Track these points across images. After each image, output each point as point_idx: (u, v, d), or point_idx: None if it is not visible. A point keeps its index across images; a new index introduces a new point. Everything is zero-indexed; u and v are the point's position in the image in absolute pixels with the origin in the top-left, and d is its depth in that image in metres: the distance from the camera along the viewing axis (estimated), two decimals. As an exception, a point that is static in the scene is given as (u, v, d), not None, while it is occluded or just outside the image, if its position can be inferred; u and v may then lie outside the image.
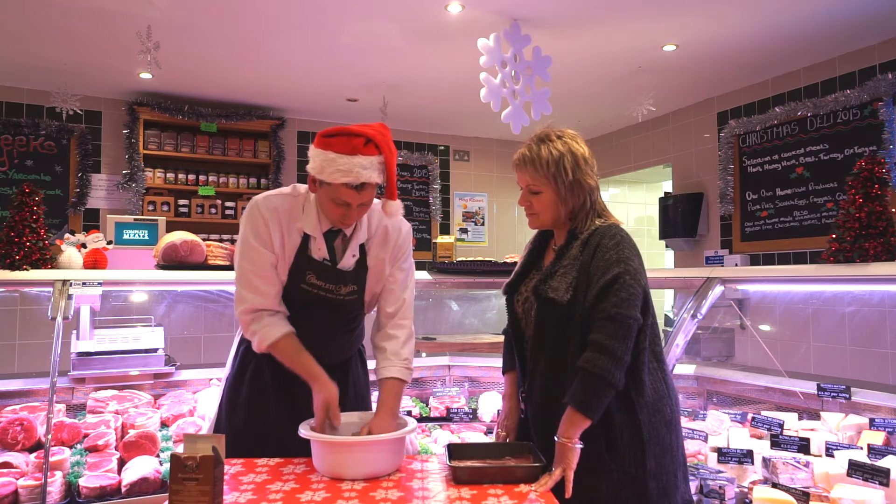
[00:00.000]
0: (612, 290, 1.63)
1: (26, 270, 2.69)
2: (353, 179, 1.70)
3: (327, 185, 1.74)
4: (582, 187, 1.78)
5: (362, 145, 1.71)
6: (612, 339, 1.59)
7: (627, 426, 1.66)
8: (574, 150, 1.78)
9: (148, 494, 2.45)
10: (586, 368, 1.59)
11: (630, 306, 1.62)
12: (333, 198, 1.75)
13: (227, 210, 5.96)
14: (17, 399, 2.90)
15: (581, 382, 1.60)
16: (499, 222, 7.34)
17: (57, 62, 4.78)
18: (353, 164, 1.69)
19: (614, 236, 1.72)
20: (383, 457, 1.67)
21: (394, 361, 1.92)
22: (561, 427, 1.61)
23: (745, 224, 5.33)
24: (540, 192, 1.80)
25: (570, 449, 1.59)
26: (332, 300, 1.91)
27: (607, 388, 1.59)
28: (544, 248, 1.94)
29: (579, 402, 1.59)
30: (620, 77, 5.13)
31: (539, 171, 1.78)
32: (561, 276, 1.73)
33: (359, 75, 5.14)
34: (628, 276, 1.64)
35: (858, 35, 4.31)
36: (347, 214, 1.79)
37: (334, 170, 1.70)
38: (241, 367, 1.99)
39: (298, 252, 1.86)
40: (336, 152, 1.70)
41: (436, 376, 3.69)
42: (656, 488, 1.67)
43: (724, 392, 3.09)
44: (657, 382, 1.72)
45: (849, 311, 4.38)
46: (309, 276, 1.87)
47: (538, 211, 1.83)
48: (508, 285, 1.94)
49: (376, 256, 1.96)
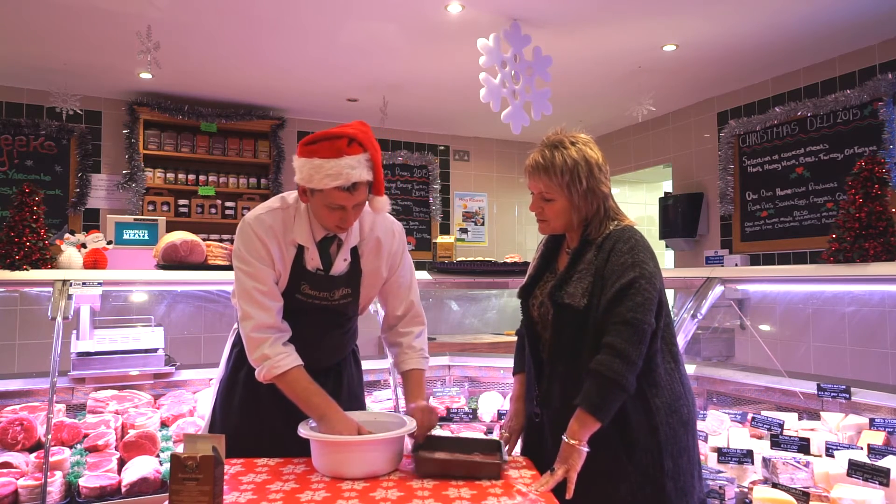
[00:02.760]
0: (627, 295, 1.63)
1: (26, 270, 2.68)
2: (344, 181, 1.68)
3: (319, 192, 1.73)
4: (596, 195, 1.77)
5: (346, 146, 1.70)
6: (627, 344, 1.59)
7: (645, 428, 1.66)
8: (588, 158, 1.76)
9: (148, 494, 2.45)
10: (599, 371, 1.59)
11: (645, 311, 1.62)
12: (327, 203, 1.74)
13: (227, 210, 5.96)
14: (17, 399, 2.90)
15: (594, 385, 1.60)
16: (499, 222, 7.34)
17: (57, 62, 4.78)
18: (341, 166, 1.68)
19: (628, 240, 1.71)
20: (383, 456, 1.67)
21: (410, 354, 2.01)
22: (570, 428, 1.61)
23: (745, 224, 5.33)
24: (553, 200, 1.78)
25: (577, 451, 1.59)
26: (327, 307, 1.91)
27: (620, 391, 1.59)
28: (557, 249, 1.92)
29: (591, 405, 1.59)
30: (620, 77, 5.13)
31: (553, 180, 1.76)
32: (577, 282, 1.73)
33: (359, 75, 5.14)
34: (644, 280, 1.64)
35: (858, 35, 4.31)
36: (344, 218, 1.78)
37: (323, 175, 1.68)
38: (235, 369, 1.99)
39: (293, 264, 1.86)
40: (322, 157, 1.69)
41: (436, 376, 3.68)
42: (674, 489, 1.67)
43: (724, 392, 3.09)
44: (674, 383, 1.72)
45: (849, 311, 4.38)
46: (303, 286, 1.87)
47: (549, 218, 1.81)
48: (523, 289, 1.93)
49: (371, 264, 1.96)
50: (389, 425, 1.76)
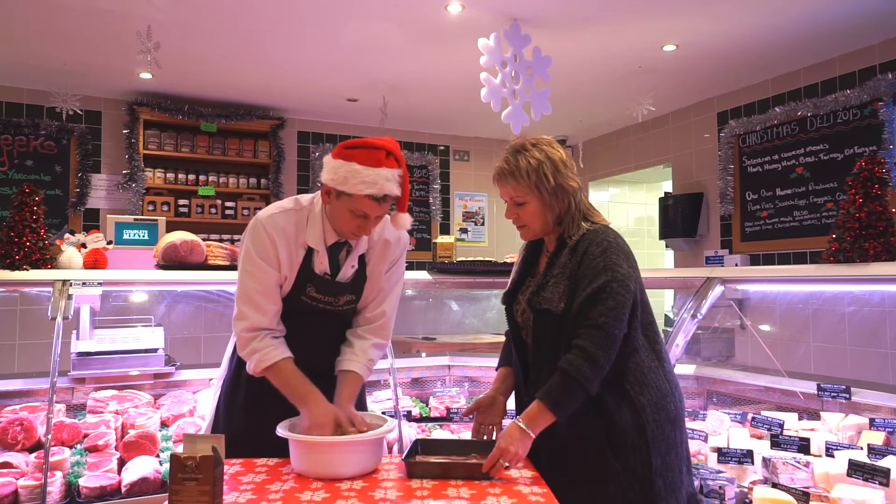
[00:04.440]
0: (600, 299, 1.65)
1: (26, 270, 2.68)
2: (378, 191, 1.73)
3: (347, 197, 1.75)
4: (565, 191, 1.79)
5: (384, 157, 1.75)
6: (597, 348, 1.61)
7: (631, 426, 1.67)
8: (551, 156, 1.79)
9: (148, 494, 2.45)
10: (567, 371, 1.62)
11: (616, 316, 1.64)
12: (353, 209, 1.76)
13: (227, 210, 5.96)
14: (17, 399, 2.90)
15: (559, 382, 1.62)
16: (499, 222, 7.34)
17: (57, 62, 4.78)
18: (377, 175, 1.72)
19: (601, 242, 1.73)
20: (357, 458, 1.66)
21: (358, 357, 1.93)
22: (525, 416, 1.64)
23: (745, 224, 5.33)
24: (525, 203, 1.81)
25: (528, 437, 1.61)
26: (330, 311, 1.93)
27: (582, 393, 1.62)
28: (538, 252, 1.94)
29: (552, 400, 1.62)
30: (620, 77, 5.13)
31: (521, 182, 1.78)
32: (553, 286, 1.74)
33: (359, 75, 5.14)
34: (616, 283, 1.66)
35: (858, 35, 4.31)
36: (363, 227, 1.80)
37: (359, 181, 1.72)
38: (238, 369, 1.99)
39: (301, 266, 1.87)
40: (360, 164, 1.73)
41: (436, 376, 3.68)
42: (663, 485, 1.67)
43: (724, 392, 3.09)
44: (659, 381, 1.73)
45: (849, 311, 4.38)
46: (309, 289, 1.88)
47: (527, 222, 1.83)
48: (507, 295, 1.94)
49: (375, 268, 1.98)
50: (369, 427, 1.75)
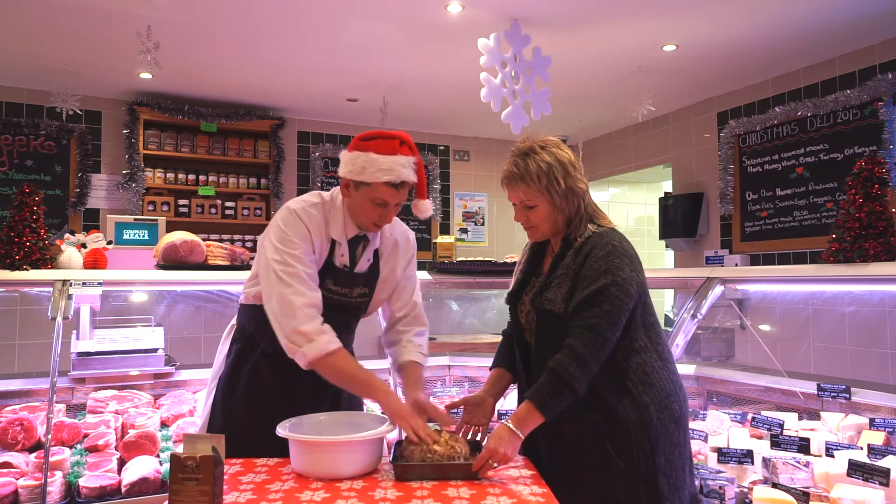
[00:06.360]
0: (596, 301, 1.65)
1: (26, 270, 2.69)
2: (395, 178, 1.79)
3: (366, 186, 1.81)
4: (575, 193, 1.78)
5: (399, 146, 1.82)
6: (587, 349, 1.61)
7: (634, 423, 1.67)
8: (561, 158, 1.78)
9: (148, 494, 2.45)
10: (556, 371, 1.62)
11: (611, 319, 1.64)
12: (372, 198, 1.82)
13: (227, 210, 5.96)
14: (17, 399, 2.90)
15: (547, 382, 1.63)
16: (499, 222, 7.34)
17: (57, 62, 4.78)
18: (394, 162, 1.79)
19: (605, 245, 1.72)
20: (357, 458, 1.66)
21: (409, 347, 2.03)
22: (514, 416, 1.64)
23: (745, 224, 5.33)
24: (535, 206, 1.79)
25: (517, 437, 1.62)
26: (344, 303, 1.95)
27: (570, 393, 1.62)
28: (542, 253, 1.93)
29: (540, 401, 1.62)
30: (620, 77, 5.13)
31: (532, 186, 1.76)
32: (556, 288, 1.74)
33: (359, 75, 5.14)
34: (615, 287, 1.66)
35: (858, 35, 4.31)
36: (384, 215, 1.86)
37: (376, 169, 1.78)
38: (236, 366, 1.99)
39: (326, 258, 1.90)
40: (377, 153, 1.79)
41: (436, 376, 3.68)
42: (667, 484, 1.67)
43: (724, 392, 3.09)
44: (663, 381, 1.73)
45: (849, 311, 4.38)
46: (328, 281, 1.90)
47: (536, 224, 1.82)
48: (510, 295, 1.94)
49: (388, 265, 2.03)
50: (367, 426, 1.75)
